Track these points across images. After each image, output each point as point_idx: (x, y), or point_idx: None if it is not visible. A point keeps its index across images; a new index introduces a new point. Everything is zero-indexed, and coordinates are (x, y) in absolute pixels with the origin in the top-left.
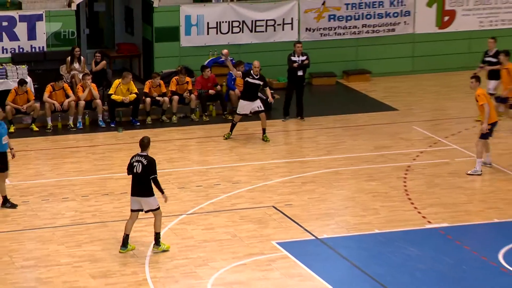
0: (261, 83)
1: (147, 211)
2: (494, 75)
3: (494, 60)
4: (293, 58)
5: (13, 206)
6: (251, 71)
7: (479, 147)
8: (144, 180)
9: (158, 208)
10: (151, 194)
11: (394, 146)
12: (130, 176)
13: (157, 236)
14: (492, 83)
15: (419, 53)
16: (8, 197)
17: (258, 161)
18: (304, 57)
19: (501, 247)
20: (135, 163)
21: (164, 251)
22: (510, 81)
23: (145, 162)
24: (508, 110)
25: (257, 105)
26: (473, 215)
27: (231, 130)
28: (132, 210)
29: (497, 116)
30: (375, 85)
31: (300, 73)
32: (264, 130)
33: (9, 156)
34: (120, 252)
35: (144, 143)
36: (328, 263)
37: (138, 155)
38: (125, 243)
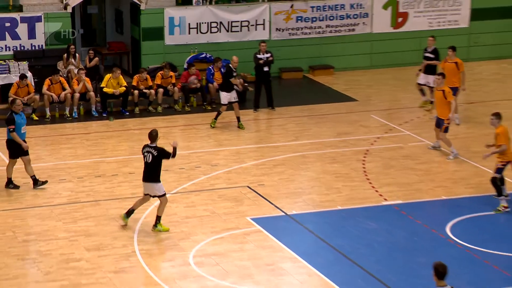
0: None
1: (153, 196)
2: (431, 69)
3: (432, 56)
4: (258, 56)
5: (16, 187)
6: (231, 66)
7: (444, 139)
8: (152, 168)
9: (164, 195)
10: (157, 181)
11: (354, 133)
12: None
13: (158, 218)
14: (430, 78)
15: (376, 50)
16: (12, 179)
17: (234, 146)
18: (269, 55)
19: (448, 221)
20: (145, 153)
21: (160, 231)
22: (456, 74)
23: (155, 153)
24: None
25: (234, 96)
26: (424, 193)
27: (216, 118)
28: (144, 194)
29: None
30: (338, 79)
31: (266, 69)
32: (238, 119)
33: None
34: (121, 216)
35: (153, 135)
36: (296, 236)
37: (147, 146)
38: (128, 214)
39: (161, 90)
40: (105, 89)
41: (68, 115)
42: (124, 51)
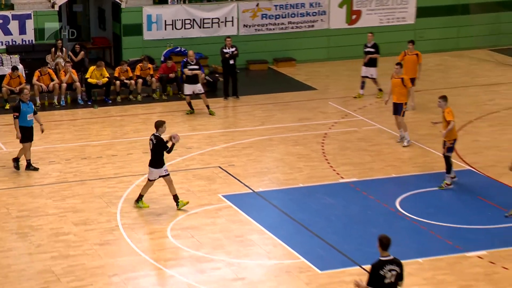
0: (197, 67)
1: (159, 177)
2: (372, 63)
3: (372, 50)
4: (224, 50)
5: (36, 169)
6: (188, 60)
7: (402, 124)
8: (154, 154)
9: (167, 175)
10: (160, 166)
11: (314, 118)
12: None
13: (140, 196)
14: (372, 70)
15: (333, 44)
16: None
17: (207, 131)
18: (234, 49)
19: (398, 196)
20: (149, 141)
21: (141, 207)
22: (416, 65)
23: (154, 141)
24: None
25: (198, 88)
26: (376, 171)
27: (191, 108)
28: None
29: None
30: (299, 70)
31: (231, 61)
32: (208, 106)
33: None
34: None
35: (156, 125)
36: (263, 211)
37: (152, 134)
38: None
39: (140, 80)
40: (89, 80)
41: (56, 103)
42: (107, 45)
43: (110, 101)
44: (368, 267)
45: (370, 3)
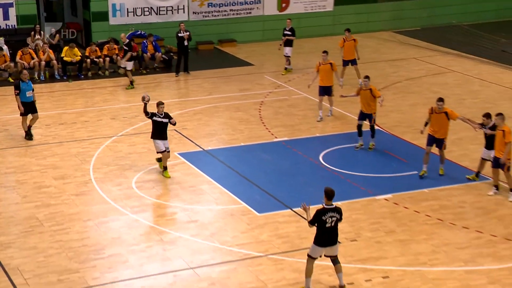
0: (127, 48)
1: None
2: (289, 43)
3: (289, 33)
4: (179, 34)
5: (30, 138)
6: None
7: (331, 101)
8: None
9: (164, 151)
10: (163, 138)
11: (252, 89)
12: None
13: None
14: (287, 49)
15: (267, 27)
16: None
17: (164, 100)
18: (187, 32)
19: (321, 152)
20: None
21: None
22: (353, 50)
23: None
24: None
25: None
26: (303, 132)
27: (131, 82)
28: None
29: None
30: (239, 49)
31: (185, 43)
32: (131, 82)
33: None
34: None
35: (157, 104)
36: (211, 166)
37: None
38: (165, 168)
39: (107, 58)
40: (64, 58)
41: (37, 78)
42: (79, 29)
43: (82, 76)
44: (298, 209)
45: None
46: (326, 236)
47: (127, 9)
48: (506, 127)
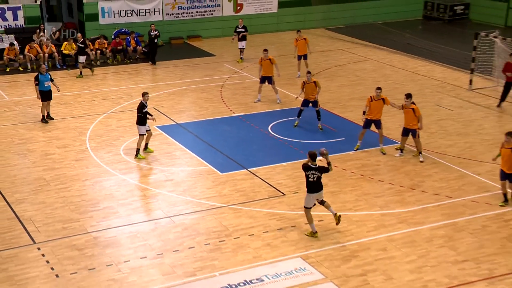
0: (83, 45)
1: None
2: (243, 38)
3: (243, 30)
4: (151, 33)
5: (46, 121)
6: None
7: (275, 89)
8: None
9: (141, 134)
10: (143, 124)
11: (214, 74)
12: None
13: (146, 145)
14: (243, 43)
15: (225, 26)
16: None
17: (143, 84)
18: (156, 32)
19: (269, 124)
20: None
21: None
22: (305, 47)
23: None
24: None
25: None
26: (255, 108)
27: (81, 72)
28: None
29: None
30: (204, 43)
31: (155, 40)
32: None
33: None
34: (138, 157)
35: (143, 94)
36: (183, 136)
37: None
38: (137, 152)
39: (98, 51)
40: (64, 51)
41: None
42: (75, 28)
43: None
44: (253, 169)
45: None
46: (312, 186)
47: (113, 11)
48: (413, 105)
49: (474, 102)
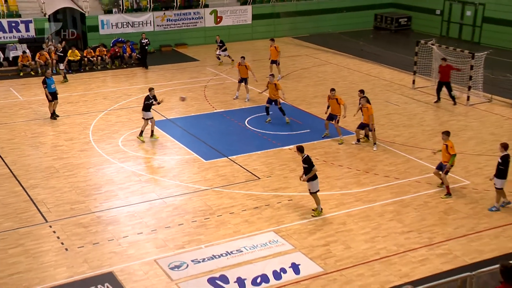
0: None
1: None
2: (224, 49)
3: (221, 44)
4: (142, 41)
5: (55, 118)
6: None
7: (247, 89)
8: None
9: (152, 118)
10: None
11: (199, 77)
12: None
13: (152, 132)
14: (224, 52)
15: (207, 35)
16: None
17: (138, 85)
18: (147, 40)
19: (246, 119)
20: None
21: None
22: (276, 54)
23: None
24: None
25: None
26: (234, 105)
27: (64, 77)
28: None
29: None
30: (189, 50)
31: (146, 47)
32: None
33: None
34: (137, 137)
35: (149, 89)
36: (173, 129)
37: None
38: (141, 133)
39: (99, 57)
40: (69, 57)
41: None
42: (78, 38)
43: (82, 70)
44: (233, 157)
45: (227, 12)
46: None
47: (112, 23)
48: (368, 105)
49: (416, 99)
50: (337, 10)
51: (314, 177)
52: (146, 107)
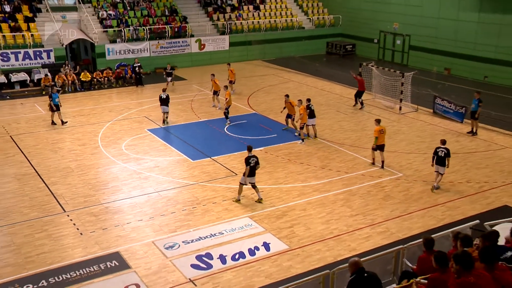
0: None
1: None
2: (169, 75)
3: (170, 71)
4: (134, 65)
5: (64, 123)
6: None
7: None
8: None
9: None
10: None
11: (187, 93)
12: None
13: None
14: (169, 78)
15: (194, 59)
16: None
17: (136, 100)
18: (139, 64)
19: (225, 126)
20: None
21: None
22: (232, 76)
23: (164, 96)
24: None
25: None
26: (216, 116)
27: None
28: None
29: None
30: (179, 71)
31: (137, 70)
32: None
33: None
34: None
35: (165, 95)
36: (166, 136)
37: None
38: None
39: (106, 78)
40: (82, 78)
41: (67, 90)
42: (89, 63)
43: (92, 88)
44: (215, 157)
45: (209, 40)
46: (252, 171)
47: (116, 51)
48: (302, 106)
49: (356, 107)
50: (297, 39)
51: (248, 173)
52: (165, 102)
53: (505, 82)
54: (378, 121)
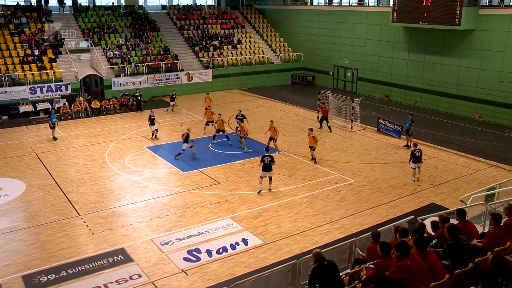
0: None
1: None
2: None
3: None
4: (135, 94)
5: (55, 139)
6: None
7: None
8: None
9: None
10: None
11: (179, 114)
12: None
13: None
14: (172, 102)
15: (184, 89)
16: (60, 136)
17: (137, 122)
18: (140, 93)
19: (209, 143)
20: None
21: None
22: (209, 103)
23: (153, 116)
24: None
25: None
26: (202, 136)
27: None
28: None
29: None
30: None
31: (139, 98)
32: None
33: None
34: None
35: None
36: (161, 152)
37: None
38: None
39: (112, 106)
40: (93, 106)
41: (81, 116)
42: (98, 93)
43: (101, 114)
44: (201, 169)
45: (196, 73)
46: (265, 166)
47: (120, 83)
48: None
49: (321, 129)
50: (268, 72)
51: (262, 168)
52: (151, 122)
53: (430, 106)
54: (311, 130)
